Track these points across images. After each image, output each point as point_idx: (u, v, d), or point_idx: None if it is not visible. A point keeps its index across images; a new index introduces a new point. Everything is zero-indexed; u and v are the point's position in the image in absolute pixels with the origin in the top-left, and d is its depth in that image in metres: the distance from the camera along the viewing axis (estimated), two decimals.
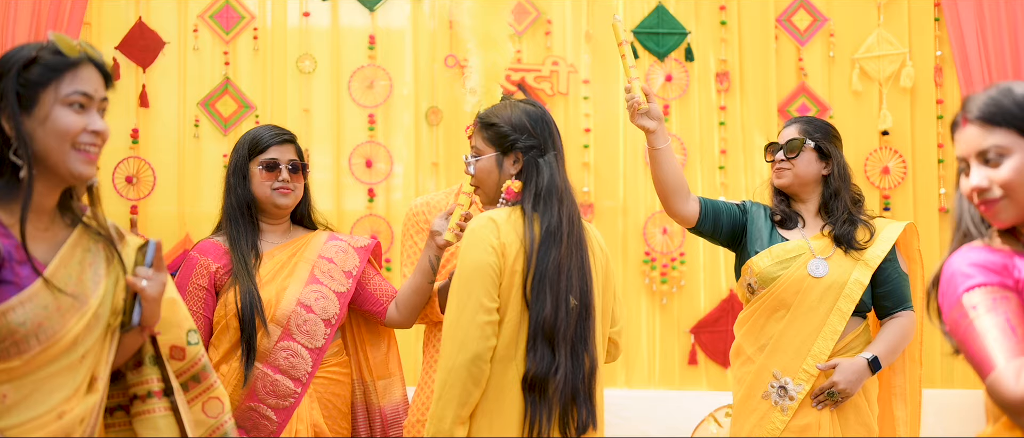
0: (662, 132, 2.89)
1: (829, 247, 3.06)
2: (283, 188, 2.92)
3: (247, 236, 2.91)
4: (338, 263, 2.96)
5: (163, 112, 4.52)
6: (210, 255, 2.94)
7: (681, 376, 4.67)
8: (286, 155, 2.95)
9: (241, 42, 4.58)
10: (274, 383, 2.81)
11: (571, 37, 4.72)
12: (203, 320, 2.89)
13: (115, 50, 4.45)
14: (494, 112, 2.49)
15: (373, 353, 3.07)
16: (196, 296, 2.90)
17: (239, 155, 2.95)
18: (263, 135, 2.95)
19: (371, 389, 3.03)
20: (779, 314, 3.03)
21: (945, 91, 4.72)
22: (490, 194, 2.50)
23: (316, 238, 3.02)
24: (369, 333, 3.09)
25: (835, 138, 3.15)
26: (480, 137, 2.50)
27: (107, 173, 4.40)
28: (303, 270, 2.91)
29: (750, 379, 3.05)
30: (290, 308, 2.85)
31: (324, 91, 4.60)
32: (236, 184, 2.93)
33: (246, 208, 2.93)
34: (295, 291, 2.87)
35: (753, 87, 4.74)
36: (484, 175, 2.48)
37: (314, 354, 2.86)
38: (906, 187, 4.69)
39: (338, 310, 2.91)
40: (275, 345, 2.83)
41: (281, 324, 2.84)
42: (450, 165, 4.63)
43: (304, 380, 2.85)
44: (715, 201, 3.12)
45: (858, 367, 2.96)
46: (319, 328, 2.87)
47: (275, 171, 2.92)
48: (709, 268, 4.69)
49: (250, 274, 2.84)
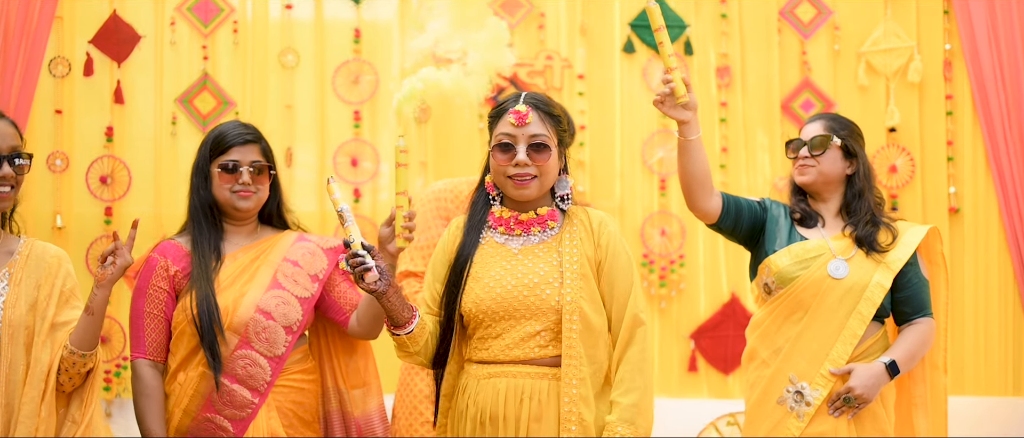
0: (695, 123, 2.83)
1: (850, 248, 3.04)
2: (243, 191, 2.87)
3: (209, 238, 2.87)
4: (304, 266, 2.90)
5: (139, 109, 4.46)
6: (170, 256, 2.88)
7: (681, 383, 4.63)
8: (248, 156, 2.88)
9: (220, 35, 4.51)
10: (231, 393, 2.77)
11: (565, 31, 4.67)
12: (164, 322, 2.85)
13: (89, 44, 4.38)
14: (548, 100, 2.53)
15: (346, 361, 3.02)
16: (156, 298, 2.85)
17: (202, 154, 2.90)
18: (226, 134, 2.89)
19: (346, 398, 3.00)
20: (796, 316, 3.01)
21: (955, 86, 4.65)
22: (544, 190, 2.53)
23: (283, 239, 2.95)
24: (342, 340, 3.03)
25: (860, 136, 3.15)
26: (545, 125, 2.50)
27: (80, 173, 4.34)
28: (265, 274, 2.86)
29: (764, 383, 3.03)
30: (248, 315, 2.79)
31: (307, 87, 4.55)
32: (198, 184, 2.89)
33: (208, 209, 2.88)
34: (254, 297, 2.81)
35: (755, 82, 4.70)
36: (551, 167, 2.51)
37: (274, 363, 2.80)
38: (914, 186, 4.64)
39: (300, 316, 2.85)
40: (232, 353, 2.78)
41: (239, 332, 2.79)
42: (439, 164, 4.56)
43: (262, 390, 2.79)
44: (737, 197, 3.10)
45: (876, 372, 2.93)
46: (279, 336, 2.81)
47: (235, 173, 2.86)
48: (709, 271, 4.65)
49: (208, 279, 2.79)
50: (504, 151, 2.51)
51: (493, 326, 2.50)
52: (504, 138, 2.51)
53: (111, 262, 2.58)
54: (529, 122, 2.49)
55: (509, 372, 2.48)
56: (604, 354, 2.50)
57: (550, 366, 2.47)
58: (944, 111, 4.65)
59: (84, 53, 4.33)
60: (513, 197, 2.54)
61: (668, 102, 2.77)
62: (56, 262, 2.67)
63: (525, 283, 2.49)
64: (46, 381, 2.56)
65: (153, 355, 2.85)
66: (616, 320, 2.51)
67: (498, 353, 2.50)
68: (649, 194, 4.63)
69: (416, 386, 3.37)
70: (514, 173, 2.49)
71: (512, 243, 2.55)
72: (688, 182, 2.95)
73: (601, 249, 2.53)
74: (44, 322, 2.59)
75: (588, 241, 2.53)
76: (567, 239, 2.53)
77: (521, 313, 2.48)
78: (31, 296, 2.60)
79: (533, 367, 2.48)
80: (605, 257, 2.52)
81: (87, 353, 2.59)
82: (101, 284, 2.57)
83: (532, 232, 2.55)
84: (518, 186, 2.50)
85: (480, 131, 4.52)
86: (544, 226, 2.55)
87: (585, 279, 2.49)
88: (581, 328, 2.45)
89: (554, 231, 2.56)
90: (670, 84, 2.74)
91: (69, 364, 2.59)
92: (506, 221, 2.56)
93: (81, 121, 4.36)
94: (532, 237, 2.55)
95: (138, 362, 2.84)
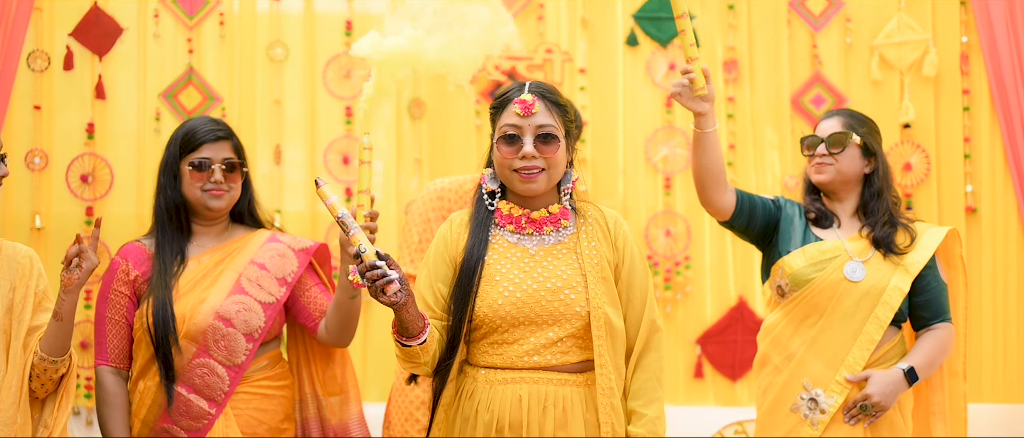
0: (712, 115, 2.85)
1: (867, 250, 3.04)
2: (215, 190, 2.85)
3: (174, 241, 2.86)
4: (271, 269, 2.88)
5: (121, 104, 4.41)
6: (131, 260, 2.88)
7: (686, 390, 4.59)
8: (220, 153, 2.87)
9: (206, 28, 4.46)
10: (188, 404, 2.76)
11: (566, 23, 4.62)
12: (125, 328, 2.85)
13: (69, 37, 4.34)
14: (555, 89, 2.49)
15: (323, 368, 3.00)
16: (117, 303, 2.85)
17: (170, 152, 2.89)
18: (196, 130, 2.88)
19: (324, 405, 3.00)
20: (811, 320, 3.01)
21: (972, 80, 4.60)
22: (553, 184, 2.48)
23: (253, 240, 2.93)
24: (319, 346, 3.02)
25: (878, 134, 3.15)
26: (553, 115, 2.46)
27: (60, 172, 4.31)
28: (228, 279, 2.83)
29: (777, 390, 3.03)
30: (207, 322, 2.77)
31: (297, 81, 4.50)
32: (166, 184, 2.88)
33: (176, 210, 2.87)
34: (214, 303, 2.79)
35: (763, 77, 4.65)
36: (560, 160, 2.46)
37: (232, 372, 2.78)
38: (929, 185, 4.59)
39: (262, 323, 2.82)
40: (190, 362, 2.77)
41: (196, 340, 2.77)
42: (435, 162, 4.52)
43: (219, 400, 2.78)
44: (751, 194, 3.10)
45: (894, 379, 2.93)
46: (239, 343, 2.78)
47: (207, 171, 2.85)
48: (716, 273, 4.60)
49: (166, 285, 2.78)
50: (509, 143, 2.45)
51: (511, 331, 2.44)
52: (509, 129, 2.45)
53: (76, 265, 2.56)
54: (536, 112, 2.44)
55: (529, 379, 2.43)
56: (623, 360, 2.49)
57: (572, 373, 2.44)
58: (961, 106, 4.61)
59: (64, 46, 4.30)
60: (520, 192, 2.48)
61: (686, 93, 2.77)
62: (28, 262, 2.65)
63: (548, 287, 2.43)
64: (21, 387, 2.57)
65: (116, 362, 2.85)
66: (632, 325, 2.49)
67: (515, 359, 2.44)
68: (653, 193, 4.60)
69: (412, 392, 3.33)
70: (521, 166, 2.44)
71: (527, 243, 2.50)
72: (702, 177, 2.94)
73: (618, 251, 2.51)
74: (21, 325, 2.61)
75: (605, 242, 2.50)
76: (585, 240, 2.50)
77: (543, 319, 2.43)
78: (7, 299, 2.59)
79: (555, 374, 2.44)
80: (623, 259, 2.50)
81: (58, 359, 2.59)
82: (68, 289, 2.55)
83: (545, 231, 2.49)
84: (525, 180, 2.44)
85: (477, 127, 4.51)
86: (557, 225, 2.51)
87: (606, 282, 2.46)
88: (607, 334, 2.43)
89: (569, 230, 2.52)
90: (690, 74, 2.75)
91: (40, 370, 2.60)
92: (516, 219, 2.51)
93: (61, 117, 4.33)
94: (547, 237, 2.50)
95: (100, 369, 2.85)
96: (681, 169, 4.53)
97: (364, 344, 4.37)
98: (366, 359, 4.38)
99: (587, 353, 2.45)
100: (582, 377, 2.44)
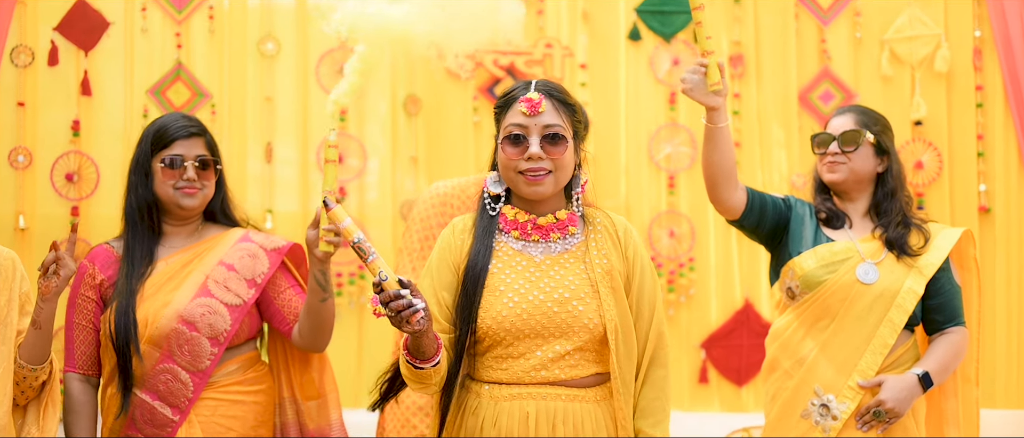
0: (724, 109, 2.83)
1: (879, 251, 3.03)
2: (188, 188, 2.82)
3: (143, 242, 2.83)
4: (240, 270, 2.84)
5: (107, 101, 4.40)
6: (98, 263, 2.86)
7: (690, 396, 4.59)
8: (193, 150, 2.84)
9: (195, 22, 4.45)
10: (151, 411, 2.75)
11: (566, 17, 4.62)
12: (92, 333, 2.83)
13: (53, 32, 4.33)
14: (562, 88, 2.42)
15: (301, 371, 2.99)
16: (84, 308, 2.83)
17: (141, 149, 2.87)
18: (168, 127, 2.86)
19: (302, 409, 2.98)
20: (822, 323, 3.01)
21: (985, 76, 4.59)
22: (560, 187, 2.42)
23: (225, 240, 2.90)
24: (296, 349, 2.98)
25: (891, 131, 3.13)
26: (560, 115, 2.39)
27: (45, 170, 4.29)
28: (194, 280, 2.81)
29: (787, 396, 3.02)
30: (170, 326, 2.74)
31: (289, 77, 4.49)
32: (137, 182, 2.85)
33: (147, 210, 2.84)
34: (178, 306, 2.76)
35: (770, 72, 4.64)
36: (567, 162, 2.39)
37: (197, 378, 2.76)
38: (941, 183, 4.58)
39: (228, 326, 2.78)
40: (154, 368, 2.75)
41: (159, 345, 2.75)
42: (431, 160, 4.53)
43: (183, 407, 2.75)
44: (762, 193, 3.08)
45: (908, 384, 2.91)
46: (204, 348, 2.76)
47: (179, 169, 2.82)
48: (721, 275, 4.61)
49: (130, 290, 2.76)
50: (515, 144, 2.37)
51: (516, 344, 2.36)
52: (514, 129, 2.37)
53: (53, 272, 2.54)
54: (542, 111, 2.37)
55: (536, 394, 2.35)
56: (634, 375, 2.44)
57: (581, 387, 2.37)
58: (974, 103, 4.60)
59: (49, 41, 4.28)
60: (525, 195, 2.40)
61: (698, 88, 2.76)
62: (10, 265, 2.64)
63: (555, 298, 2.35)
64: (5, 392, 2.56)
65: (83, 369, 2.82)
66: (640, 337, 2.42)
67: (521, 374, 2.35)
68: (656, 192, 4.59)
69: (408, 397, 3.30)
70: (526, 168, 2.36)
71: (532, 250, 2.42)
72: (713, 173, 2.92)
73: (629, 261, 2.43)
74: (9, 328, 2.58)
75: (615, 251, 2.43)
76: (594, 248, 2.43)
77: (550, 331, 2.35)
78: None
79: (564, 389, 2.36)
80: (634, 270, 2.43)
81: (37, 367, 2.59)
82: (46, 297, 2.54)
83: (552, 239, 2.42)
84: (531, 182, 2.36)
85: (475, 124, 4.49)
86: (564, 232, 2.43)
87: (616, 293, 2.39)
88: (622, 348, 2.36)
89: (577, 239, 2.45)
90: (703, 68, 2.75)
91: (19, 378, 2.59)
92: (522, 225, 2.43)
93: (45, 114, 4.32)
94: (553, 245, 2.42)
95: (68, 376, 2.83)
96: (685, 168, 4.51)
97: (359, 350, 4.36)
98: (361, 365, 4.35)
99: (598, 366, 2.37)
100: (592, 392, 2.37)
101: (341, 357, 4.27)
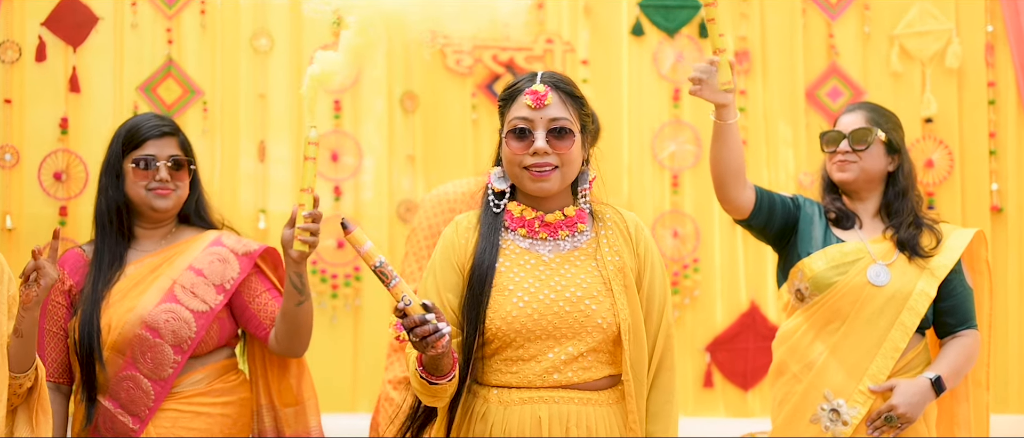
0: (733, 106, 2.82)
1: (891, 252, 3.02)
2: (161, 189, 2.81)
3: (113, 247, 2.82)
4: (209, 275, 2.82)
5: (96, 98, 4.35)
6: (68, 268, 2.85)
7: (695, 400, 4.56)
8: (166, 150, 2.83)
9: (186, 17, 4.41)
10: (114, 419, 2.74)
11: (567, 11, 4.59)
12: (63, 339, 2.81)
13: (41, 27, 4.26)
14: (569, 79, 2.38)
15: (278, 377, 2.97)
16: (54, 314, 2.83)
17: (113, 150, 2.85)
18: (140, 126, 2.85)
19: (280, 416, 2.96)
20: (833, 326, 2.99)
21: (997, 72, 4.57)
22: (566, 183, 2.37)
23: (196, 244, 2.88)
24: (274, 354, 2.96)
25: (902, 129, 3.12)
26: (567, 108, 2.35)
27: (32, 169, 4.23)
28: (161, 285, 2.79)
29: (795, 400, 3.02)
30: (133, 332, 2.73)
31: (282, 73, 4.45)
32: (108, 184, 2.84)
33: (117, 213, 2.83)
34: (142, 311, 2.74)
35: (777, 68, 4.62)
36: (574, 157, 2.35)
37: (158, 386, 2.73)
38: (953, 182, 4.57)
39: (193, 333, 2.76)
40: (118, 374, 2.74)
41: (123, 351, 2.73)
42: (429, 159, 4.49)
43: (143, 417, 2.73)
44: (770, 192, 3.07)
45: (920, 389, 2.91)
46: (167, 356, 2.73)
47: (152, 169, 2.81)
48: (727, 276, 4.58)
49: (96, 295, 2.74)
50: (520, 138, 2.32)
51: (526, 346, 2.31)
52: (519, 122, 2.33)
53: (35, 280, 2.51)
54: (549, 104, 2.32)
55: (548, 398, 2.31)
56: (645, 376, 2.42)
57: (594, 390, 2.33)
58: (986, 100, 4.58)
59: (36, 36, 4.23)
60: (530, 191, 2.36)
61: (708, 86, 2.75)
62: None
63: (566, 297, 2.31)
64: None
65: (54, 376, 2.81)
66: (649, 338, 2.39)
67: (532, 378, 2.31)
68: (660, 191, 4.55)
69: (404, 401, 3.25)
70: (532, 163, 2.32)
71: (540, 248, 2.37)
72: (721, 172, 2.92)
73: (640, 258, 2.40)
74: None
75: (626, 247, 2.40)
76: (605, 245, 2.39)
77: (562, 332, 2.31)
78: None
79: (577, 392, 2.32)
80: (645, 267, 2.40)
81: (21, 375, 2.55)
82: (27, 306, 2.51)
83: (560, 236, 2.38)
84: (536, 178, 2.32)
85: (474, 121, 4.46)
86: (573, 229, 2.39)
87: (629, 291, 2.35)
88: (634, 348, 2.33)
89: (586, 235, 2.41)
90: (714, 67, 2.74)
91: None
92: (529, 222, 2.38)
93: (33, 111, 4.25)
94: (562, 243, 2.38)
95: None
96: (689, 166, 4.50)
97: (355, 355, 4.33)
98: (357, 370, 4.33)
99: (611, 368, 2.33)
100: (606, 395, 2.33)
101: (337, 362, 4.29)
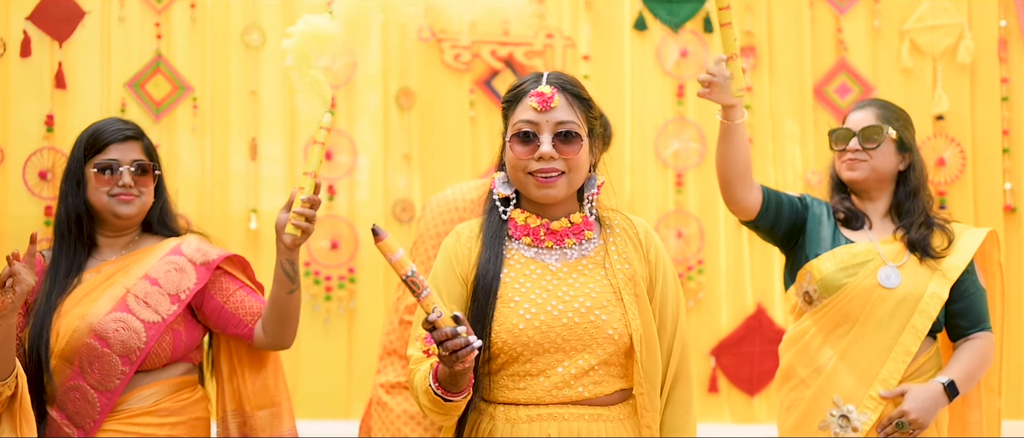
0: (740, 106, 2.83)
1: (901, 253, 3.00)
2: (124, 194, 2.76)
3: (71, 255, 2.77)
4: (164, 285, 2.76)
5: (83, 95, 4.31)
6: None
7: (700, 406, 4.51)
8: (129, 155, 2.78)
9: (176, 11, 4.38)
10: (60, 430, 2.69)
11: (568, 5, 4.57)
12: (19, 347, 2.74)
13: (26, 21, 4.19)
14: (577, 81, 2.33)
15: (252, 378, 2.91)
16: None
17: (74, 155, 2.81)
18: (102, 130, 2.81)
19: (250, 422, 2.89)
20: (842, 330, 2.98)
21: (1010, 68, 4.56)
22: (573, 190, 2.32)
23: (154, 252, 2.83)
24: (248, 354, 2.90)
25: (913, 127, 3.11)
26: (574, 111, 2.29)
27: (16, 168, 4.17)
28: (113, 294, 2.73)
29: (804, 406, 3.00)
30: (81, 341, 2.68)
31: (274, 70, 4.41)
32: (68, 191, 2.79)
33: (77, 221, 2.78)
34: (92, 320, 2.69)
35: (784, 64, 4.61)
36: (582, 162, 2.29)
37: (104, 398, 2.68)
38: (965, 181, 4.55)
39: (143, 344, 2.70)
40: (65, 384, 2.69)
41: (70, 360, 2.69)
42: (425, 157, 4.47)
43: (88, 429, 2.69)
44: (777, 191, 3.06)
45: (933, 394, 2.89)
46: (114, 366, 2.68)
47: (115, 175, 2.77)
48: (732, 279, 4.57)
49: (48, 306, 2.70)
50: (524, 142, 2.26)
51: (534, 361, 2.25)
52: (524, 126, 2.27)
53: (10, 287, 2.45)
54: (555, 106, 2.27)
55: (557, 415, 2.25)
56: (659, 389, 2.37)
57: (605, 406, 2.27)
58: (999, 96, 4.57)
59: (21, 31, 4.17)
60: (536, 198, 2.29)
61: (717, 89, 2.74)
62: None
63: (575, 308, 2.25)
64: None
65: None
66: (664, 348, 2.34)
67: (541, 394, 2.24)
68: (663, 191, 4.54)
69: (399, 405, 3.21)
70: (537, 168, 2.26)
71: (546, 257, 2.31)
72: (727, 172, 2.91)
73: (651, 265, 2.35)
74: None
75: (636, 255, 2.34)
76: (614, 253, 2.33)
77: (572, 344, 2.24)
78: None
79: (587, 408, 2.26)
80: (656, 275, 2.35)
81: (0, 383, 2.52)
82: (2, 313, 2.45)
83: (567, 244, 2.32)
84: (542, 184, 2.26)
85: (472, 119, 4.43)
86: (580, 237, 2.33)
87: (640, 300, 2.29)
88: (647, 360, 2.27)
89: (594, 243, 2.35)
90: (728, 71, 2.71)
91: None
92: (534, 230, 2.32)
93: (17, 108, 4.21)
94: (569, 251, 2.32)
95: None
96: (694, 165, 4.46)
97: (349, 359, 4.30)
98: (351, 375, 4.30)
99: (623, 382, 2.27)
100: (617, 410, 2.27)
101: (330, 366, 4.26)
